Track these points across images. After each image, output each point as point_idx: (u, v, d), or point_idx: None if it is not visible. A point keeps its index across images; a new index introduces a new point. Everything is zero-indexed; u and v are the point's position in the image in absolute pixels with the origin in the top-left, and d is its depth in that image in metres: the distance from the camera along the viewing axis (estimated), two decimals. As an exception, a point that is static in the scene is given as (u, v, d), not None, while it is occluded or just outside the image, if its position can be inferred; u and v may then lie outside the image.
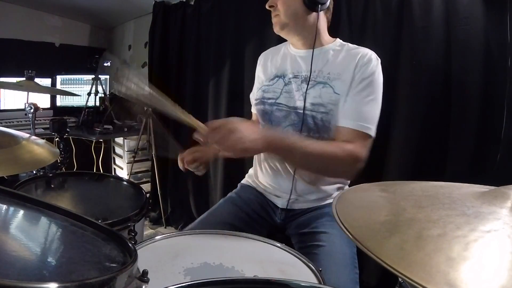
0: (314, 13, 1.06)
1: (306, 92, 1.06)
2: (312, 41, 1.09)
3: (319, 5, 1.04)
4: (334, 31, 1.19)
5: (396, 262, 0.36)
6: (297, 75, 1.12)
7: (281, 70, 1.16)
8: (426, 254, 0.37)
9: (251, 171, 1.30)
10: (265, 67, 1.23)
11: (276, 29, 1.10)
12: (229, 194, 1.25)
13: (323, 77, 1.07)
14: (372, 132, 0.99)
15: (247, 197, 1.21)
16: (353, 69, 1.02)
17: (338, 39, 1.14)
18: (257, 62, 1.29)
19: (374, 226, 0.46)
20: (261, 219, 1.17)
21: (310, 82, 1.07)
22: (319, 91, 1.05)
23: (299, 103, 1.07)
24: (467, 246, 0.37)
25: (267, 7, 1.09)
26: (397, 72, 1.59)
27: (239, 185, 1.30)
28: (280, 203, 1.16)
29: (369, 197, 0.60)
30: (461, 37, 1.44)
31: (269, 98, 1.14)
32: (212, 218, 1.11)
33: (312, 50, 1.09)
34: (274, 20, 1.09)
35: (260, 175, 1.22)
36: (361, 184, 0.74)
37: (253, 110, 1.27)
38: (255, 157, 1.26)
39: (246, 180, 1.30)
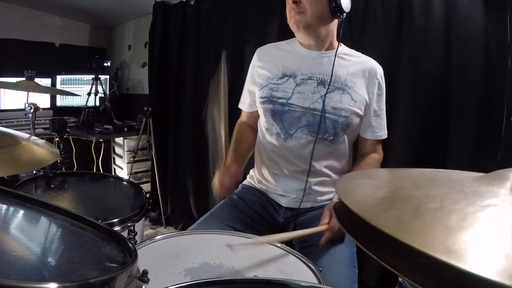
0: (335, 20, 1.10)
1: (325, 95, 1.08)
2: (325, 45, 1.13)
3: (343, 13, 1.05)
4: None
5: (393, 230, 0.36)
6: (312, 77, 1.11)
7: (290, 69, 1.14)
8: (423, 224, 0.37)
9: (252, 172, 1.29)
10: (268, 63, 1.19)
11: (298, 27, 1.07)
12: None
13: (341, 83, 1.10)
14: (386, 134, 1.20)
15: (248, 198, 1.20)
16: (368, 83, 1.13)
17: (341, 44, 1.16)
18: (254, 57, 1.25)
19: (372, 201, 0.46)
20: (262, 219, 1.17)
21: (329, 86, 1.09)
22: (339, 96, 1.09)
23: (317, 105, 1.08)
24: (464, 217, 0.37)
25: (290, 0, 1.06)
26: (397, 72, 1.59)
27: (240, 185, 1.29)
28: (284, 202, 1.16)
29: (369, 180, 0.60)
30: (461, 37, 1.44)
31: (279, 98, 1.12)
32: (212, 220, 1.10)
33: (320, 52, 1.13)
34: (296, 17, 1.05)
35: (263, 175, 1.21)
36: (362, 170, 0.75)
37: (247, 108, 1.28)
38: (257, 157, 1.25)
39: (248, 181, 1.29)
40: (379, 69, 1.15)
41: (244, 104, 1.29)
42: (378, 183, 0.56)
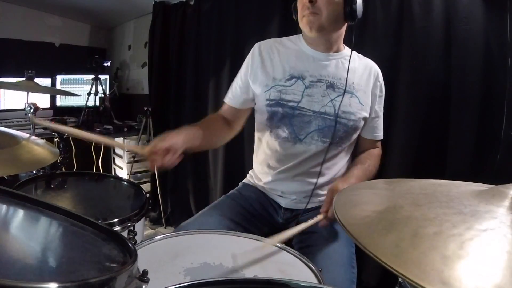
0: (346, 24, 1.09)
1: (335, 99, 1.08)
2: (334, 48, 1.12)
3: (356, 19, 1.02)
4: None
5: (391, 259, 0.37)
6: (321, 79, 1.10)
7: (297, 70, 1.11)
8: (421, 252, 0.38)
9: (251, 172, 1.29)
10: (273, 62, 1.13)
11: (311, 29, 1.03)
12: (231, 191, 1.25)
13: (349, 86, 1.10)
14: (382, 135, 1.23)
15: (248, 195, 1.20)
16: (372, 85, 1.14)
17: (345, 46, 1.16)
18: (254, 51, 1.16)
19: (371, 223, 0.46)
20: (261, 217, 1.17)
21: (337, 90, 1.09)
22: (348, 100, 1.09)
23: (328, 109, 1.08)
24: (462, 244, 0.37)
25: None
26: (397, 72, 1.59)
27: (240, 183, 1.30)
28: (284, 203, 1.16)
29: (368, 195, 0.60)
30: (461, 37, 1.44)
31: (289, 101, 1.09)
32: (212, 212, 1.10)
33: (327, 54, 1.12)
34: (310, 17, 1.01)
35: (263, 175, 1.21)
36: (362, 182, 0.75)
37: (229, 101, 1.19)
38: (258, 157, 1.24)
39: (248, 179, 1.29)
40: (379, 72, 1.17)
41: (228, 97, 1.21)
42: (377, 200, 0.56)
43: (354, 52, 1.16)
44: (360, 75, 1.13)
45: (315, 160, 1.11)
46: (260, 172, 1.22)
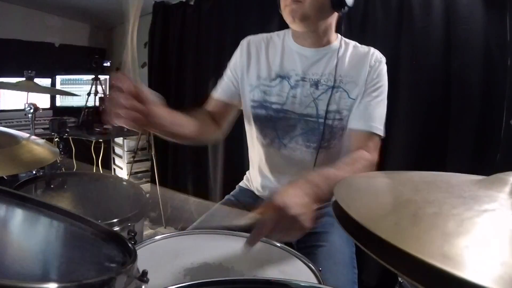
0: (335, 13, 0.97)
1: (318, 98, 0.99)
2: (323, 40, 1.01)
3: (345, 7, 0.94)
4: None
5: (391, 236, 0.36)
6: (305, 78, 1.01)
7: (284, 69, 1.03)
8: (421, 230, 0.38)
9: (248, 174, 1.25)
10: (258, 59, 1.06)
11: (294, 18, 0.93)
12: (226, 197, 1.21)
13: (335, 81, 1.00)
14: (381, 132, 0.98)
15: (245, 201, 1.16)
16: (367, 72, 0.99)
17: (339, 35, 1.06)
18: (241, 45, 1.10)
19: (371, 206, 0.46)
20: None
21: (321, 87, 1.00)
22: (334, 96, 0.99)
23: (310, 110, 1.00)
24: (462, 223, 0.37)
25: None
26: (397, 72, 1.59)
27: (237, 187, 1.26)
28: None
29: (367, 183, 0.60)
30: (461, 37, 1.44)
31: (273, 103, 1.02)
32: (209, 222, 1.09)
33: (315, 50, 1.02)
34: (293, 6, 0.91)
35: (259, 180, 1.16)
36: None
37: (218, 94, 1.09)
38: (252, 161, 1.19)
39: (244, 183, 1.25)
40: (376, 55, 1.01)
41: (216, 91, 1.11)
42: (377, 188, 0.56)
43: (351, 42, 1.06)
44: (351, 64, 1.00)
45: (303, 168, 1.01)
46: (255, 178, 1.18)
